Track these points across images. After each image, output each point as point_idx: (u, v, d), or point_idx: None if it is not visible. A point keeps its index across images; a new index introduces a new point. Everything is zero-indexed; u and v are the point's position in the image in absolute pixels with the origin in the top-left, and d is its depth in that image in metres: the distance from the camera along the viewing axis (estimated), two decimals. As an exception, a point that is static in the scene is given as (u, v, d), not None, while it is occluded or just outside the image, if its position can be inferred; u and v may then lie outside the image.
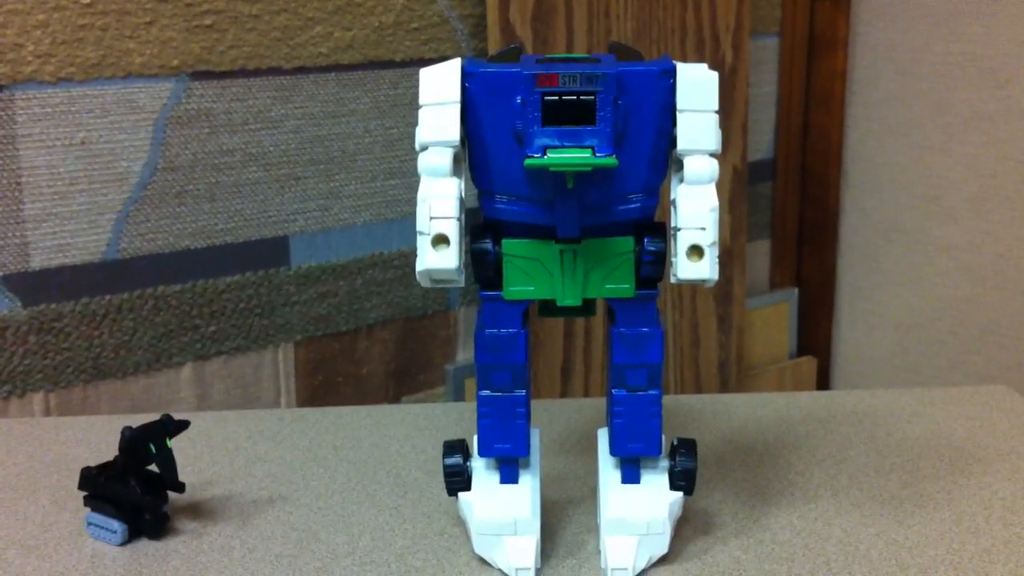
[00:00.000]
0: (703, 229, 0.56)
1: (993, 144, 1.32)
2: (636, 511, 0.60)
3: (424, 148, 0.57)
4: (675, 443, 0.62)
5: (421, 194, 0.55)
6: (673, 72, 0.57)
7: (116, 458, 0.66)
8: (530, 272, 0.59)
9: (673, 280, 0.57)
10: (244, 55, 1.04)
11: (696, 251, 0.56)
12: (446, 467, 0.62)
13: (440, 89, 0.57)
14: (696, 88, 0.57)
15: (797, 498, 0.68)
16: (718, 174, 0.57)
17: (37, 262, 0.96)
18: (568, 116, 0.55)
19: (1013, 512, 0.66)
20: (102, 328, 1.00)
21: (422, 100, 0.57)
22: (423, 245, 0.55)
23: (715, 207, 0.56)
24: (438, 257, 0.55)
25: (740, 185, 1.39)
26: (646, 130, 0.57)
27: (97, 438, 0.79)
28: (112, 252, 1.00)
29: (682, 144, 0.57)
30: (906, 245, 1.44)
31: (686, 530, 0.64)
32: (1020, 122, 1.29)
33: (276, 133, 1.07)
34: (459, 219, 0.55)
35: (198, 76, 1.01)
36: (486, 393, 0.61)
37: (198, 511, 0.68)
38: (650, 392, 0.61)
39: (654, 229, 0.59)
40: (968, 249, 1.37)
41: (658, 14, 1.27)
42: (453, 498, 0.63)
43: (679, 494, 0.61)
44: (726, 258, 1.40)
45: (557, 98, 0.55)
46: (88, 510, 0.66)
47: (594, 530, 0.64)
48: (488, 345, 0.60)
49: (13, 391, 0.96)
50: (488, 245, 0.59)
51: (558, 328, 1.24)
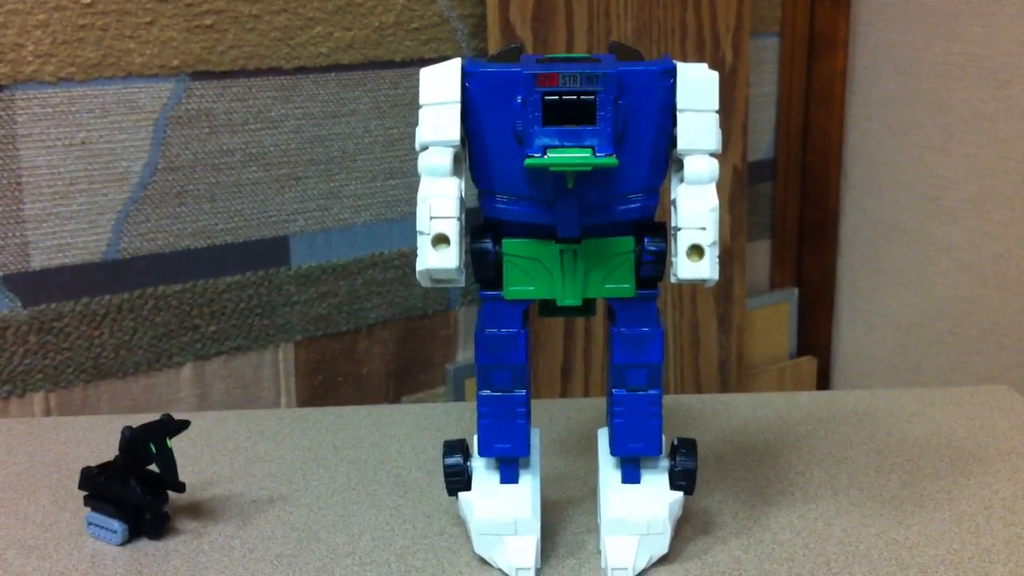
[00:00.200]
0: (703, 229, 0.56)
1: (993, 144, 1.32)
2: (636, 511, 0.60)
3: (424, 148, 0.56)
4: (675, 443, 0.62)
5: (421, 194, 0.55)
6: (673, 72, 0.57)
7: (116, 458, 0.66)
8: (530, 272, 0.59)
9: (673, 280, 0.57)
10: (244, 55, 1.04)
11: (696, 251, 0.56)
12: (446, 467, 0.62)
13: (440, 89, 0.57)
14: (696, 88, 0.57)
15: (797, 498, 0.68)
16: (718, 174, 0.57)
17: (37, 262, 0.96)
18: (568, 116, 0.55)
19: (1013, 512, 0.66)
20: (102, 328, 1.00)
21: (422, 100, 0.57)
22: (423, 245, 0.55)
23: (715, 207, 0.56)
24: (438, 257, 0.55)
25: (740, 185, 1.39)
26: (646, 130, 0.57)
27: (97, 438, 0.79)
28: (112, 252, 1.00)
29: (682, 144, 0.57)
30: (906, 245, 1.44)
31: (686, 530, 0.64)
32: (1020, 122, 1.29)
33: (276, 133, 1.07)
34: (459, 219, 0.55)
35: (198, 76, 1.01)
36: (486, 393, 0.61)
37: (198, 511, 0.68)
38: (650, 392, 0.61)
39: (654, 229, 0.59)
40: (968, 249, 1.37)
41: (658, 14, 1.27)
42: (453, 498, 0.63)
43: (679, 494, 0.61)
44: (726, 258, 1.40)
45: (557, 98, 0.55)
46: (88, 510, 0.66)
47: (594, 530, 0.64)
48: (488, 345, 0.60)
49: (13, 391, 0.96)
50: (488, 245, 0.59)
51: (558, 328, 1.24)
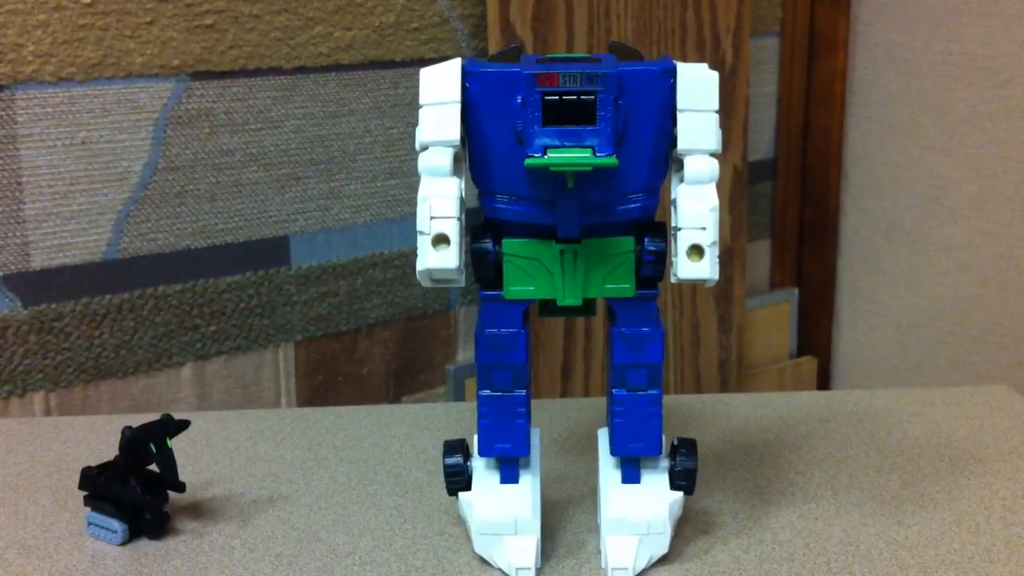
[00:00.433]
0: (703, 229, 0.55)
1: (994, 144, 1.32)
2: (636, 511, 0.60)
3: (424, 148, 0.56)
4: (675, 443, 0.62)
5: (421, 194, 0.55)
6: (673, 72, 0.57)
7: (116, 458, 0.66)
8: (530, 272, 0.59)
9: (673, 280, 0.57)
10: (244, 55, 1.03)
11: (696, 251, 0.56)
12: (446, 467, 0.62)
13: (440, 89, 0.57)
14: (696, 88, 0.57)
15: (797, 498, 0.68)
16: (718, 174, 0.57)
17: (38, 262, 0.96)
18: (568, 116, 0.55)
19: (1013, 512, 0.66)
20: (102, 328, 1.00)
21: (422, 100, 0.57)
22: (423, 245, 0.55)
23: (715, 207, 0.56)
24: (438, 257, 0.55)
25: (740, 185, 1.39)
26: (646, 130, 0.57)
27: (97, 438, 0.79)
28: (112, 252, 1.00)
29: (682, 144, 0.57)
30: (906, 245, 1.44)
31: (686, 530, 0.64)
32: (1021, 122, 1.29)
33: (276, 133, 1.07)
34: (459, 219, 0.55)
35: (199, 76, 1.01)
36: (486, 393, 0.61)
37: (198, 511, 0.68)
38: (650, 392, 0.61)
39: (654, 229, 0.59)
40: (968, 249, 1.36)
41: (658, 14, 1.27)
42: (453, 498, 0.63)
43: (679, 494, 0.61)
44: (726, 258, 1.40)
45: (557, 98, 0.55)
46: (88, 510, 0.66)
47: (594, 530, 0.64)
48: (488, 345, 0.60)
49: (13, 391, 0.96)
50: (488, 245, 0.59)
51: (558, 328, 1.24)
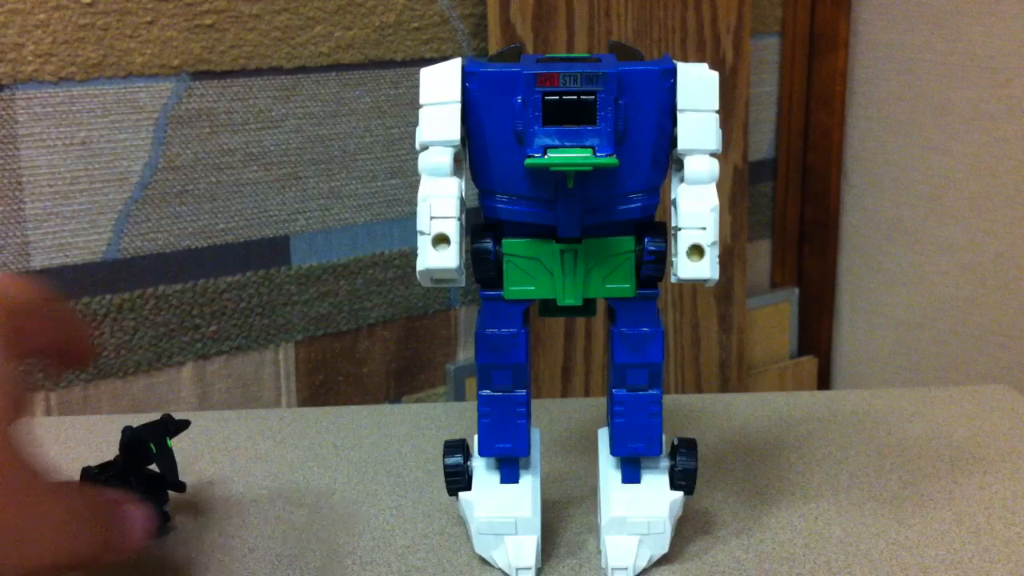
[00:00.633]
0: (703, 229, 0.55)
1: (994, 143, 1.32)
2: (637, 511, 0.60)
3: (424, 148, 0.56)
4: (675, 443, 0.62)
5: (422, 194, 0.55)
6: (674, 72, 0.57)
7: (116, 458, 0.66)
8: (531, 272, 0.59)
9: (673, 280, 0.57)
10: (245, 55, 1.03)
11: (696, 251, 0.55)
12: (446, 467, 0.62)
13: (440, 89, 0.57)
14: (696, 88, 0.57)
15: (797, 498, 0.68)
16: (718, 174, 0.57)
17: (38, 262, 0.96)
18: (569, 116, 0.55)
19: (1013, 512, 0.66)
20: (103, 328, 1.00)
21: (422, 100, 0.57)
22: (424, 245, 0.55)
23: (716, 207, 0.56)
24: (439, 257, 0.55)
25: (741, 185, 1.39)
26: (647, 130, 0.57)
27: (97, 438, 0.79)
28: (113, 252, 1.00)
29: (682, 144, 0.57)
30: (907, 244, 1.44)
31: (686, 530, 0.64)
32: (1021, 121, 1.29)
33: (277, 133, 1.07)
34: (460, 219, 0.55)
35: (199, 76, 1.01)
36: (487, 393, 0.61)
37: (198, 511, 0.68)
38: (651, 392, 0.60)
39: (655, 229, 0.59)
40: (969, 248, 1.37)
41: (659, 14, 1.27)
42: (453, 498, 0.63)
43: (679, 494, 0.61)
44: (727, 257, 1.40)
45: (557, 98, 0.55)
46: (88, 510, 0.66)
47: (594, 530, 0.64)
48: (488, 345, 0.60)
49: (14, 390, 0.96)
50: (488, 245, 0.58)
51: (559, 328, 1.24)
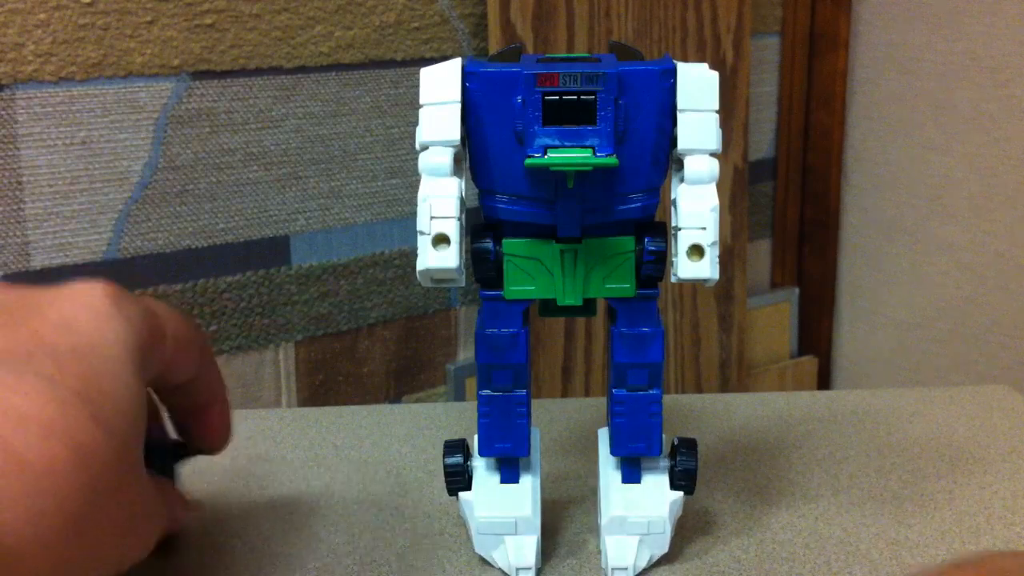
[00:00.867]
0: (704, 229, 0.55)
1: (994, 143, 1.32)
2: (637, 511, 0.60)
3: (424, 148, 0.56)
4: (676, 443, 0.62)
5: (422, 194, 0.55)
6: (674, 72, 0.57)
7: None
8: (531, 272, 0.59)
9: (674, 280, 0.57)
10: (245, 54, 1.03)
11: (697, 251, 0.55)
12: (447, 467, 0.62)
13: (440, 89, 0.57)
14: (696, 88, 0.57)
15: (797, 498, 0.68)
16: (719, 174, 0.56)
17: (38, 261, 0.96)
18: (569, 116, 0.55)
19: (1013, 512, 0.66)
20: (103, 327, 1.00)
21: (422, 99, 0.57)
22: (424, 245, 0.55)
23: (716, 207, 0.56)
24: (439, 257, 0.55)
25: (741, 184, 1.39)
26: (647, 130, 0.57)
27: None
28: (113, 251, 1.00)
29: (682, 144, 0.57)
30: (907, 244, 1.44)
31: (686, 530, 0.64)
32: (1021, 121, 1.29)
33: (277, 132, 1.07)
34: (460, 219, 0.55)
35: (199, 75, 1.01)
36: (487, 392, 0.61)
37: (197, 511, 0.68)
38: (651, 392, 0.60)
39: (655, 229, 0.59)
40: (969, 248, 1.37)
41: (659, 14, 1.27)
42: (453, 498, 0.63)
43: (680, 494, 0.61)
44: (727, 257, 1.40)
45: (557, 98, 0.55)
46: (89, 509, 0.66)
47: (594, 530, 0.64)
48: (489, 344, 0.60)
49: (14, 390, 0.96)
50: (488, 245, 0.58)
51: (559, 328, 1.24)
